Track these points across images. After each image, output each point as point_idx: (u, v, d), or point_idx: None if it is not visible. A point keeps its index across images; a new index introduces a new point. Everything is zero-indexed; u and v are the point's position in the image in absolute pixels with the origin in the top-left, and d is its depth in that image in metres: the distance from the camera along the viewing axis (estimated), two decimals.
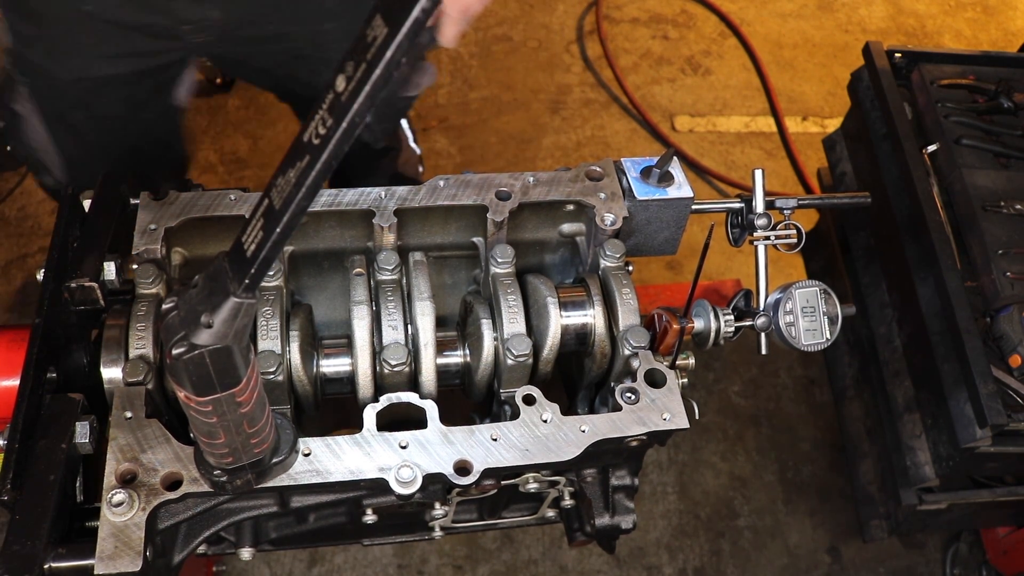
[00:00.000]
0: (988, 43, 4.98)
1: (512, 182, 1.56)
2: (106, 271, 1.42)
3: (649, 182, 1.58)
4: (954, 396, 2.17)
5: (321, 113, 0.86)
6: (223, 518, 1.40)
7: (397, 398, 1.34)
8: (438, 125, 4.31)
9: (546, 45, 4.71)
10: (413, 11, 0.76)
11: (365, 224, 1.54)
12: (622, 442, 1.35)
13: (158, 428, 1.26)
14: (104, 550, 1.16)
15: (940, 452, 2.29)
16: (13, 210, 3.82)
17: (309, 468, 1.25)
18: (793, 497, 3.33)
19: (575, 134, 4.35)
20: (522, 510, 1.80)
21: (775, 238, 1.61)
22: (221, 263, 0.95)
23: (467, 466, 1.28)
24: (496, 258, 1.49)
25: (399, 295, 1.47)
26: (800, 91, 4.64)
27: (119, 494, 1.19)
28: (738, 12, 4.96)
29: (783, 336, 1.54)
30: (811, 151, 4.32)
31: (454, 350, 1.51)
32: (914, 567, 3.22)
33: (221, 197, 1.50)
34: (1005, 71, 2.70)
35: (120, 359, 1.35)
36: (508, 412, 1.45)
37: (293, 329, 1.42)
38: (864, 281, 2.79)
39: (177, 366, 0.95)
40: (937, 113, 2.54)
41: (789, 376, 3.61)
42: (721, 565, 3.17)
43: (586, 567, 3.11)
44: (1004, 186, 2.40)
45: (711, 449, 3.40)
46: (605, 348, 1.49)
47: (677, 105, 4.52)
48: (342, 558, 3.02)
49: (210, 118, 4.23)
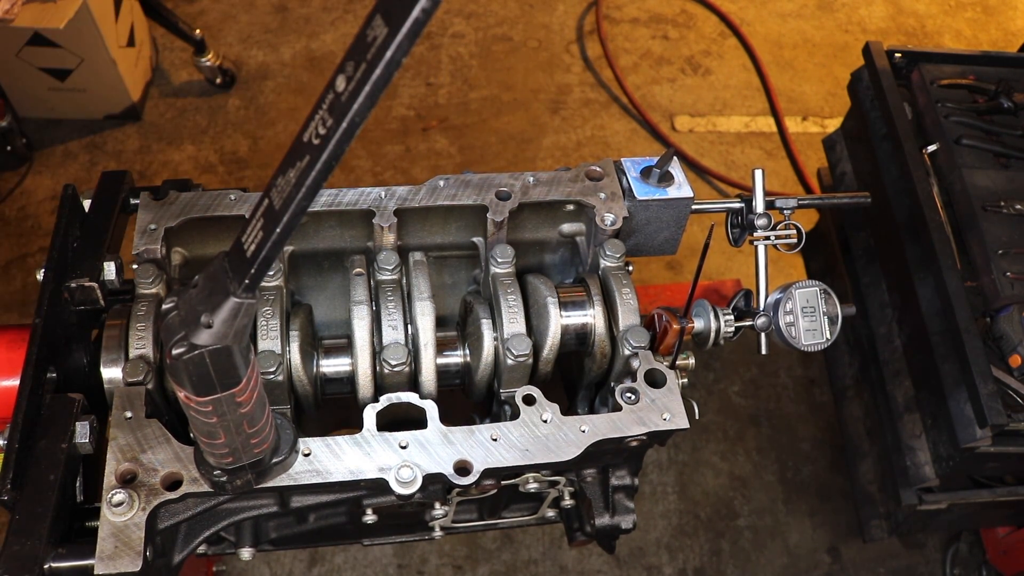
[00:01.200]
0: (988, 43, 4.98)
1: (512, 182, 1.56)
2: (106, 271, 1.42)
3: (649, 182, 1.58)
4: (954, 396, 2.17)
5: (321, 113, 0.86)
6: (223, 518, 1.40)
7: (397, 398, 1.34)
8: (438, 125, 4.31)
9: (546, 45, 4.71)
10: (413, 11, 0.76)
11: (365, 224, 1.54)
12: (622, 442, 1.35)
13: (158, 428, 1.26)
14: (104, 550, 1.16)
15: (940, 452, 2.29)
16: (13, 210, 3.82)
17: (309, 468, 1.25)
18: (793, 497, 3.33)
19: (575, 134, 4.35)
20: (522, 510, 1.80)
21: (775, 238, 1.61)
22: (221, 263, 0.95)
23: (467, 466, 1.28)
24: (496, 258, 1.49)
25: (399, 295, 1.47)
26: (800, 91, 4.64)
27: (119, 494, 1.19)
28: (738, 12, 4.96)
29: (783, 336, 1.54)
30: (811, 151, 4.32)
31: (454, 350, 1.51)
32: (914, 567, 3.22)
33: (221, 197, 1.50)
34: (1005, 71, 2.70)
35: (120, 359, 1.35)
36: (508, 412, 1.45)
37: (293, 329, 1.41)
38: (864, 281, 2.79)
39: (177, 366, 0.95)
40: (937, 113, 2.54)
41: (789, 376, 3.61)
42: (721, 565, 3.17)
43: (586, 567, 3.11)
44: (1004, 186, 2.40)
45: (711, 449, 3.40)
46: (605, 348, 1.49)
47: (677, 105, 4.52)
48: (342, 558, 3.02)
49: (210, 118, 4.23)
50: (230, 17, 4.67)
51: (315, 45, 4.58)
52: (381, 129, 4.26)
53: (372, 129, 4.24)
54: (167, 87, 4.34)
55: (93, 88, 3.95)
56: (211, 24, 4.62)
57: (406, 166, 4.14)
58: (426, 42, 4.63)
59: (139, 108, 4.15)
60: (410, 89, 4.44)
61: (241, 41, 4.57)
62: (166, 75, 4.38)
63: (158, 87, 4.33)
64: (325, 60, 4.51)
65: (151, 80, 4.32)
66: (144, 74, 4.23)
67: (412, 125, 4.30)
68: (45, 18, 3.57)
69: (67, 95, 3.97)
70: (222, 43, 4.52)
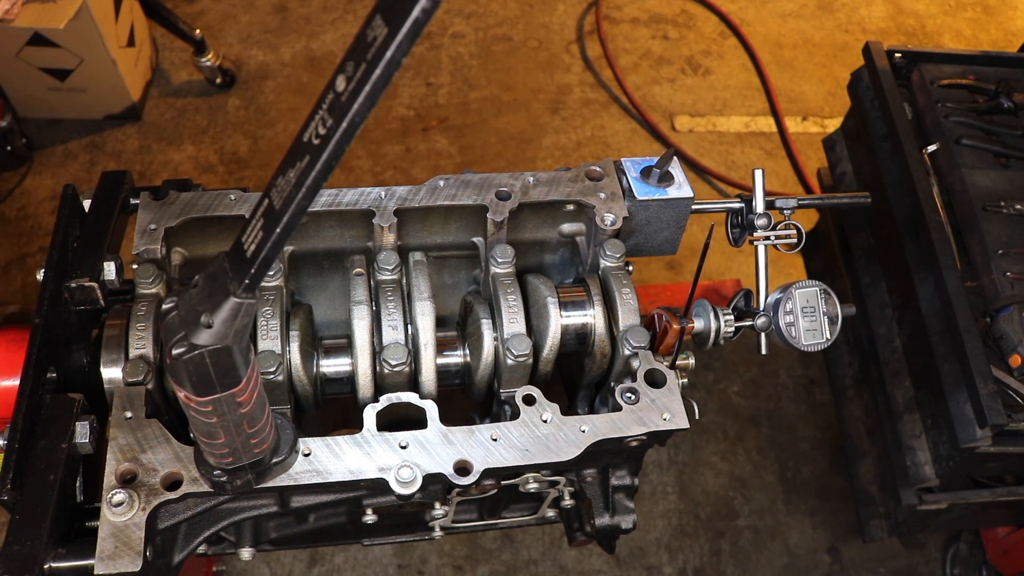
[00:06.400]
0: (988, 43, 4.98)
1: (512, 182, 1.56)
2: (106, 271, 1.42)
3: (649, 182, 1.58)
4: (954, 396, 2.17)
5: (321, 113, 0.86)
6: (223, 518, 1.40)
7: (397, 398, 1.34)
8: (438, 125, 4.31)
9: (546, 45, 4.71)
10: (413, 11, 0.76)
11: (365, 224, 1.54)
12: (622, 442, 1.35)
13: (158, 428, 1.26)
14: (104, 550, 1.16)
15: (940, 452, 2.29)
16: (13, 210, 3.82)
17: (309, 468, 1.25)
18: (793, 497, 3.33)
19: (575, 134, 4.35)
20: (522, 510, 1.80)
21: (775, 238, 1.61)
22: (221, 263, 0.95)
23: (467, 466, 1.28)
24: (496, 258, 1.49)
25: (399, 295, 1.47)
26: (800, 91, 4.64)
27: (119, 494, 1.19)
28: (738, 12, 4.96)
29: (783, 336, 1.54)
30: (811, 151, 4.32)
31: (454, 350, 1.51)
32: (914, 567, 3.22)
33: (221, 197, 1.50)
34: (1005, 71, 2.70)
35: (120, 359, 1.35)
36: (508, 412, 1.45)
37: (293, 329, 1.41)
38: (864, 281, 2.79)
39: (177, 366, 0.95)
40: (937, 113, 2.54)
41: (789, 376, 3.61)
42: (721, 565, 3.17)
43: (586, 567, 3.11)
44: (1004, 186, 2.40)
45: (711, 449, 3.40)
46: (605, 348, 1.49)
47: (677, 105, 4.52)
48: (342, 558, 3.02)
49: (210, 118, 4.23)
50: (230, 17, 4.67)
51: (315, 45, 4.58)
52: (381, 129, 4.26)
53: (372, 129, 4.24)
54: (167, 87, 4.34)
55: (93, 88, 3.95)
56: (211, 24, 4.62)
57: (406, 166, 4.14)
58: (426, 42, 4.63)
59: (139, 108, 4.15)
60: (410, 89, 4.44)
61: (241, 41, 4.57)
62: (166, 75, 4.38)
63: (158, 87, 4.33)
64: (325, 60, 4.51)
65: (151, 80, 4.32)
66: (144, 74, 4.23)
67: (412, 125, 4.30)
68: (45, 18, 3.57)
69: (67, 95, 3.97)
70: (222, 43, 4.52)
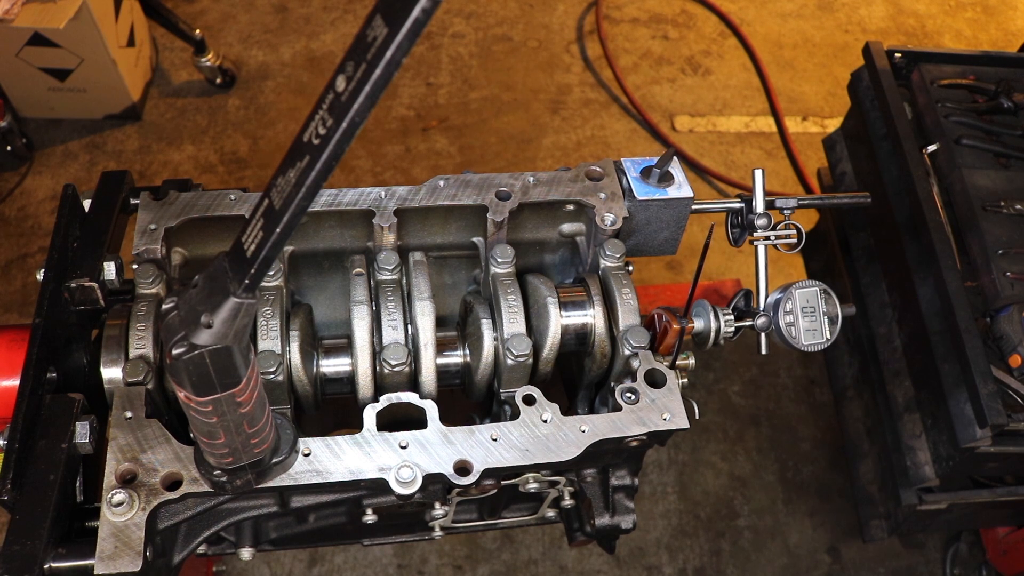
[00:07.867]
0: (988, 43, 4.98)
1: (512, 182, 1.56)
2: (106, 271, 1.42)
3: (649, 182, 1.58)
4: (954, 396, 2.17)
5: (321, 113, 0.86)
6: (223, 518, 1.40)
7: (397, 398, 1.34)
8: (438, 125, 4.31)
9: (546, 45, 4.71)
10: (413, 11, 0.76)
11: (365, 224, 1.54)
12: (622, 442, 1.35)
13: (158, 428, 1.26)
14: (104, 550, 1.16)
15: (940, 452, 2.29)
16: (13, 210, 3.82)
17: (309, 468, 1.25)
18: (793, 497, 3.33)
19: (575, 134, 4.35)
20: (522, 510, 1.80)
21: (775, 238, 1.61)
22: (221, 263, 0.95)
23: (467, 466, 1.28)
24: (496, 258, 1.49)
25: (399, 295, 1.47)
26: (800, 91, 4.64)
27: (119, 494, 1.19)
28: (738, 12, 4.96)
29: (783, 336, 1.54)
30: (811, 151, 4.32)
31: (454, 350, 1.51)
32: (914, 567, 3.22)
33: (221, 197, 1.50)
34: (1005, 71, 2.70)
35: (120, 359, 1.35)
36: (508, 412, 1.45)
37: (293, 329, 1.41)
38: (864, 281, 2.79)
39: (177, 366, 0.95)
40: (937, 113, 2.54)
41: (789, 376, 3.61)
42: (721, 565, 3.17)
43: (586, 567, 3.11)
44: (1004, 186, 2.40)
45: (711, 449, 3.40)
46: (605, 348, 1.49)
47: (677, 105, 4.52)
48: (342, 558, 3.02)
49: (210, 118, 4.23)
50: (230, 17, 4.67)
51: (315, 45, 4.58)
52: (381, 129, 4.26)
53: (372, 129, 4.24)
54: (167, 87, 4.34)
55: (93, 88, 3.95)
56: (211, 24, 4.62)
57: (406, 166, 4.14)
58: (426, 42, 4.63)
59: (139, 108, 4.15)
60: (410, 89, 4.44)
61: (241, 41, 4.57)
62: (166, 75, 4.38)
63: (158, 87, 4.33)
64: (325, 60, 4.51)
65: (151, 80, 4.32)
66: (144, 74, 4.23)
67: (412, 125, 4.30)
68: (45, 18, 3.57)
69: (67, 95, 3.97)
70: (222, 43, 4.52)
